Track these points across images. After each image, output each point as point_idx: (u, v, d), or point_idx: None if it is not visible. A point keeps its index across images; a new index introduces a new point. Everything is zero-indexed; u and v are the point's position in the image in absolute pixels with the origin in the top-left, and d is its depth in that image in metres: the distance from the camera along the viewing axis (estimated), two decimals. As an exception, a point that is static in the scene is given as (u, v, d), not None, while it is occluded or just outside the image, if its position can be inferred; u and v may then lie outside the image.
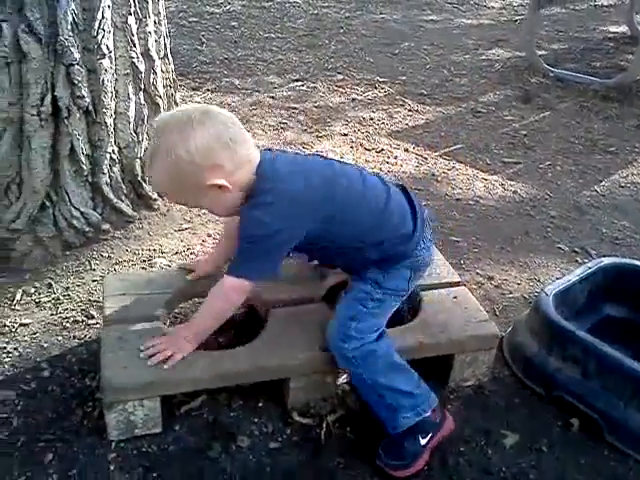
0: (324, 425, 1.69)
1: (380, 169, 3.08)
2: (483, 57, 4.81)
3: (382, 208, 1.66)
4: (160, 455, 1.60)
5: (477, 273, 2.35)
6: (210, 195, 1.52)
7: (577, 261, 2.46)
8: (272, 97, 3.90)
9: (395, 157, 3.21)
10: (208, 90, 3.94)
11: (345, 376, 1.79)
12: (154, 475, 1.55)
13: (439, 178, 3.04)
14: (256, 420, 1.70)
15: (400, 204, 1.70)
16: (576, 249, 2.55)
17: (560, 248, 2.56)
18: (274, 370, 1.65)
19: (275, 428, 1.68)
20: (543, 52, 4.70)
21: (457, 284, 1.96)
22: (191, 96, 3.83)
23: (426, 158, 3.23)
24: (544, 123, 3.72)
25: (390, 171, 3.07)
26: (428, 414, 1.62)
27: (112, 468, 1.56)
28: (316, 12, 5.68)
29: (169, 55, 2.54)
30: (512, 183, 3.04)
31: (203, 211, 2.44)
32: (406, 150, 3.29)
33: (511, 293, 2.26)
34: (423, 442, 1.61)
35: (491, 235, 2.61)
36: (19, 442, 1.62)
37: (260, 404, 1.75)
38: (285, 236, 1.54)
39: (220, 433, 1.66)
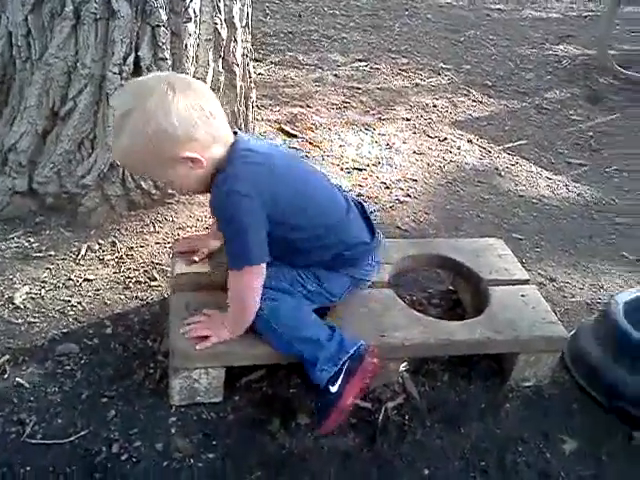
0: (382, 410, 1.69)
1: (443, 158, 3.03)
2: (550, 52, 4.70)
3: (342, 216, 1.66)
4: (220, 424, 1.61)
5: (539, 273, 2.31)
6: (180, 169, 1.44)
7: (641, 271, 2.41)
8: (335, 75, 3.87)
9: (458, 147, 3.16)
10: (272, 63, 3.92)
11: (405, 363, 1.79)
12: (214, 443, 1.57)
13: (502, 173, 2.99)
14: (314, 399, 1.71)
15: (358, 217, 1.71)
16: (641, 258, 2.50)
17: (624, 256, 2.50)
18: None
19: (334, 409, 1.69)
20: (614, 52, 4.55)
21: (526, 282, 1.93)
22: (254, 67, 3.81)
23: (490, 151, 3.17)
24: (612, 126, 3.62)
25: (453, 161, 3.02)
26: (345, 360, 1.55)
27: (173, 431, 1.58)
28: (381, -8, 5.59)
29: (250, 24, 2.52)
30: (577, 185, 2.98)
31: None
32: (469, 141, 3.24)
33: (573, 297, 2.22)
34: (334, 389, 1.54)
35: (554, 236, 2.56)
36: (82, 395, 1.65)
37: (319, 383, 1.75)
38: (258, 204, 1.46)
39: (279, 408, 1.67)
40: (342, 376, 1.54)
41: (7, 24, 2.25)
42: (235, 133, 1.54)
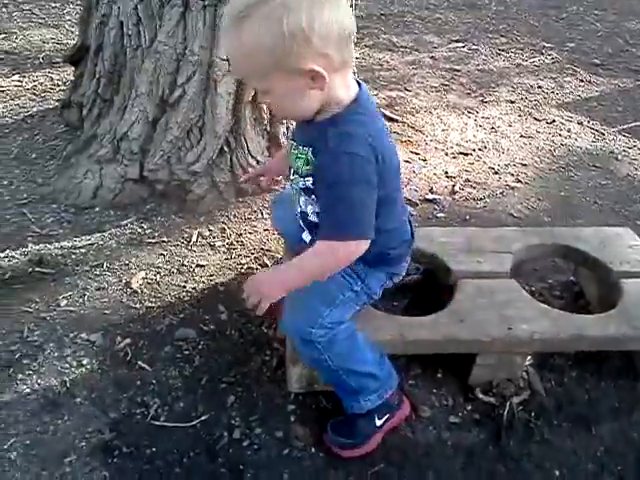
0: (507, 406, 1.61)
1: (552, 142, 2.88)
2: (663, 26, 4.40)
3: (404, 208, 1.57)
4: (338, 414, 1.58)
5: (668, 264, 2.15)
6: (297, 82, 1.23)
7: None
8: (432, 57, 3.75)
9: (568, 130, 2.99)
10: (366, 46, 3.85)
11: (530, 357, 1.70)
12: (334, 432, 1.54)
13: (619, 156, 2.81)
14: (435, 391, 1.66)
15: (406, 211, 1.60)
16: None
17: None
18: (465, 344, 1.58)
19: (456, 402, 1.63)
20: None
21: (661, 274, 1.79)
22: (349, 51, 3.76)
23: (603, 134, 2.99)
24: None
25: (563, 145, 2.87)
26: (389, 395, 1.52)
27: (292, 419, 1.57)
28: (475, -30, 5.39)
29: (353, 6, 2.46)
30: None
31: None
32: (580, 123, 3.06)
33: None
34: (379, 423, 1.52)
35: (683, 224, 2.38)
36: (202, 380, 1.66)
37: (439, 375, 1.69)
38: (373, 169, 1.28)
39: (399, 400, 1.63)
40: (390, 412, 1.55)
41: (118, 14, 2.29)
42: (359, 84, 1.36)
